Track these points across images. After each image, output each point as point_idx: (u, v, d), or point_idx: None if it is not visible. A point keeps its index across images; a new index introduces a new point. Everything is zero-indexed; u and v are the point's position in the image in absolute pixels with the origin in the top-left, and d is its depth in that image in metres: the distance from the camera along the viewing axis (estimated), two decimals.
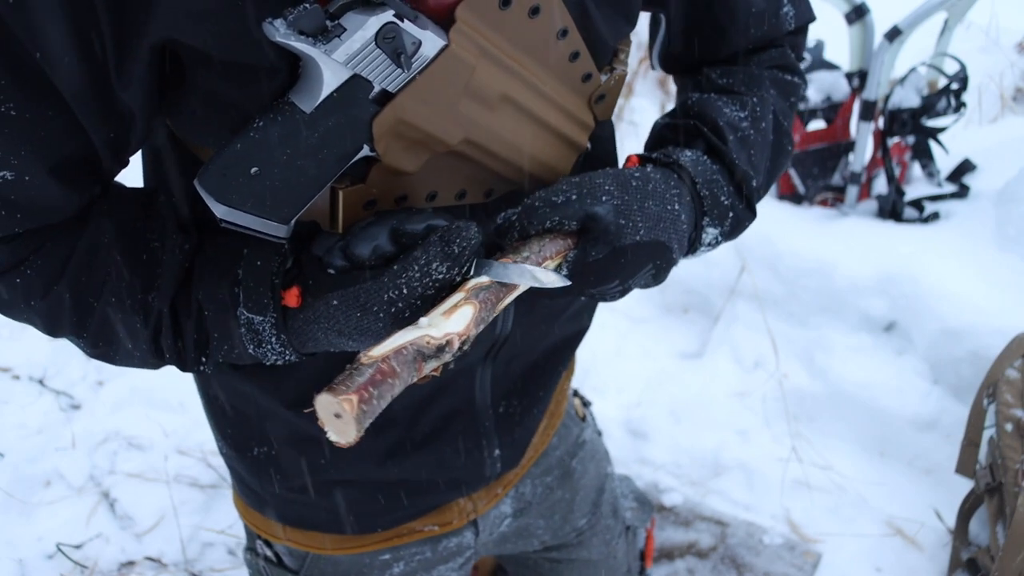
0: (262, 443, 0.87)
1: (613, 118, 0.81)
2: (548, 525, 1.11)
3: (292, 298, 0.62)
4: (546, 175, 0.75)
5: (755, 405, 2.17)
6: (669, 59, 0.88)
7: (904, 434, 1.99)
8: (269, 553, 1.00)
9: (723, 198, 0.75)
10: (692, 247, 0.76)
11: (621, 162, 0.78)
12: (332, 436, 0.53)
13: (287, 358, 0.66)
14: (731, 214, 0.76)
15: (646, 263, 0.69)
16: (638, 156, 0.76)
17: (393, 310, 0.59)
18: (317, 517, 0.93)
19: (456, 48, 0.60)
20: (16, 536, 1.87)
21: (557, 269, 0.66)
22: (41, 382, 2.35)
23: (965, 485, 1.67)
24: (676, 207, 0.70)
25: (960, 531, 1.62)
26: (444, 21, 0.59)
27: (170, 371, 0.91)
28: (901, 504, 1.88)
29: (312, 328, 0.63)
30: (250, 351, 0.65)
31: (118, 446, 2.13)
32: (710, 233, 0.76)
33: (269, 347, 0.65)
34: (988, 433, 1.57)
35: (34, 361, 2.40)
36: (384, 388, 0.52)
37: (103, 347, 0.68)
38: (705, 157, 0.75)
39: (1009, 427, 1.50)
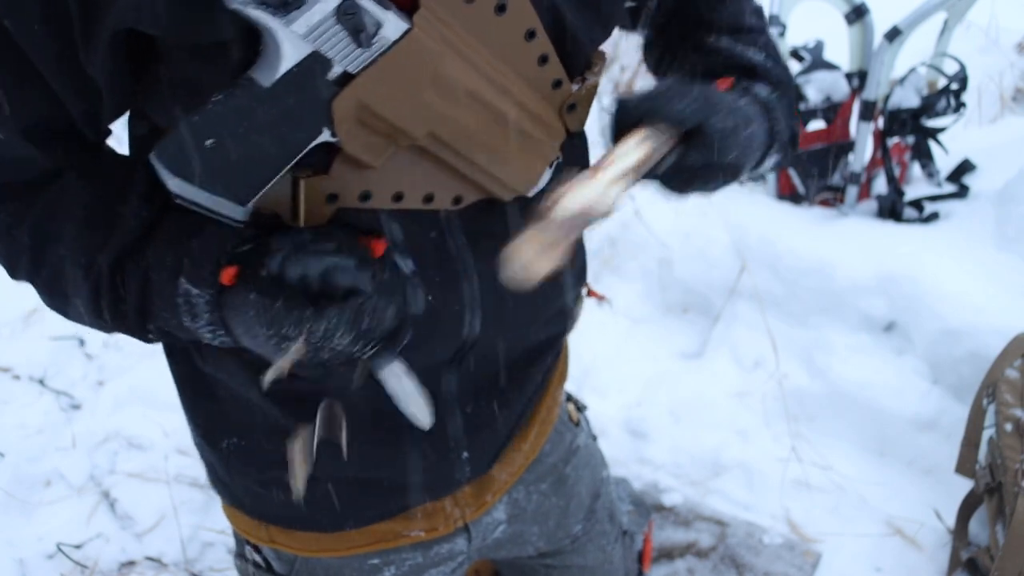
0: (231, 434, 0.87)
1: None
2: (543, 531, 1.10)
3: (228, 276, 0.62)
4: (516, 183, 0.74)
5: (755, 405, 2.17)
6: (657, 24, 0.92)
7: (904, 434, 1.99)
8: (258, 558, 0.99)
9: (785, 136, 0.83)
10: (753, 170, 0.83)
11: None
12: (519, 274, 0.62)
13: (221, 339, 0.65)
14: (785, 152, 0.84)
15: (721, 179, 0.75)
16: (731, 81, 0.79)
17: (283, 346, 0.59)
18: (289, 513, 0.92)
19: (419, 33, 0.60)
20: (16, 536, 1.87)
21: (649, 169, 0.73)
22: (41, 382, 2.35)
23: (965, 485, 1.67)
24: (761, 139, 0.77)
25: (960, 531, 1.62)
26: (409, 7, 0.60)
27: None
28: (901, 504, 1.88)
29: (228, 313, 0.62)
30: (187, 323, 0.65)
31: (118, 446, 2.13)
32: (771, 161, 0.83)
33: (202, 322, 0.64)
34: (988, 433, 1.58)
35: (34, 361, 2.40)
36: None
37: (57, 298, 0.69)
38: (775, 95, 0.81)
39: (1009, 427, 1.50)
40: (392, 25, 0.59)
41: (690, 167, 0.72)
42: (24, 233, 0.65)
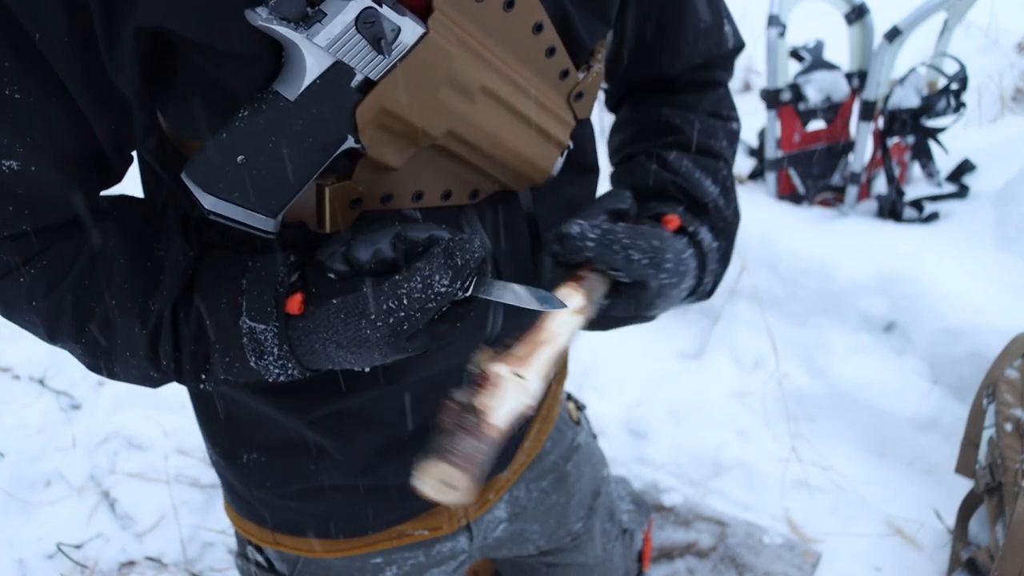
0: (252, 450, 0.87)
1: (610, 119, 0.82)
2: (543, 529, 1.10)
3: (295, 304, 0.63)
4: (531, 173, 0.76)
5: (755, 405, 2.17)
6: (612, 74, 0.91)
7: (904, 434, 1.99)
8: (260, 558, 0.99)
9: (708, 288, 0.84)
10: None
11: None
12: (433, 496, 0.55)
13: (289, 372, 0.66)
14: (697, 299, 0.85)
15: (634, 323, 0.78)
16: (680, 222, 0.79)
17: (392, 320, 0.60)
18: (307, 522, 0.93)
19: (435, 36, 0.61)
20: (16, 536, 1.87)
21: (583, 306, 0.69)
22: (41, 382, 2.35)
23: (965, 485, 1.68)
24: (683, 296, 0.79)
25: (960, 531, 1.62)
26: (422, 10, 0.61)
27: None
28: (901, 504, 1.88)
29: (312, 339, 0.63)
30: (252, 363, 0.65)
31: (118, 446, 2.13)
32: (679, 306, 0.83)
33: (271, 358, 0.64)
34: (988, 433, 1.58)
35: (34, 361, 2.40)
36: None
37: (101, 356, 0.68)
38: (716, 245, 0.82)
39: (1009, 427, 1.50)
40: (409, 30, 0.59)
41: (613, 317, 0.74)
42: (67, 290, 0.64)
